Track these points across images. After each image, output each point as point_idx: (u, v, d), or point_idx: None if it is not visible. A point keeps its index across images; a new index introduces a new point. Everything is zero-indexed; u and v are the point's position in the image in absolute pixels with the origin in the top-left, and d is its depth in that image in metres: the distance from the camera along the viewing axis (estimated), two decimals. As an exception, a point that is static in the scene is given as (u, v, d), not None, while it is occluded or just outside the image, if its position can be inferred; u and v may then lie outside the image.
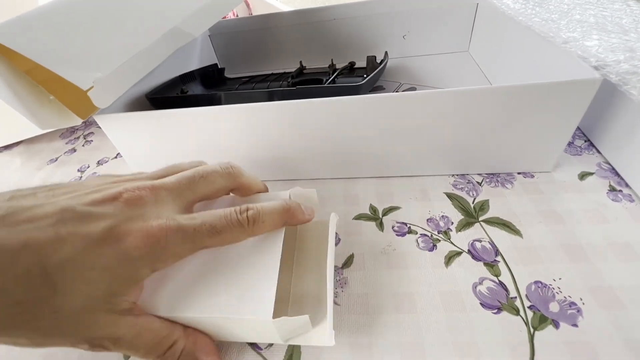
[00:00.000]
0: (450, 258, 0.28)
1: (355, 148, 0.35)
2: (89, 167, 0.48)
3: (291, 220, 0.24)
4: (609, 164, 0.35)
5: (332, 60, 0.59)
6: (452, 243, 0.30)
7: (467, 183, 0.35)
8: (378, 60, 0.53)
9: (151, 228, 0.19)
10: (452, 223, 0.31)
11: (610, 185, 0.32)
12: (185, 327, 0.21)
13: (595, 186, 0.33)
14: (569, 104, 0.29)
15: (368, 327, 0.25)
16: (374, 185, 0.37)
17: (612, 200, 0.31)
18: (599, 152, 0.36)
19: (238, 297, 0.21)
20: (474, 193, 0.34)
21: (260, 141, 0.35)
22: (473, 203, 0.33)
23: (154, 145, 0.38)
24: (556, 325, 0.23)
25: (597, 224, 0.29)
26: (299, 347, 0.24)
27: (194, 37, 0.42)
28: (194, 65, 0.60)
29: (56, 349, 0.26)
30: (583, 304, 0.24)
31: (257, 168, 0.39)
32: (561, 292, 0.25)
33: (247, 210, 0.22)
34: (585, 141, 0.38)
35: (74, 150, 0.53)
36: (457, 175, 0.36)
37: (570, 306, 0.24)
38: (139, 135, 0.37)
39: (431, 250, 0.29)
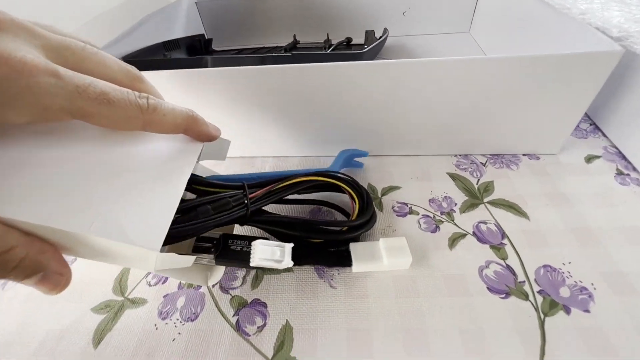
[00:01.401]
0: (454, 240, 0.27)
1: (353, 123, 0.32)
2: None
3: (194, 128, 0.21)
4: (616, 147, 0.33)
5: (327, 35, 0.56)
6: (456, 225, 0.28)
7: (471, 164, 0.33)
8: (377, 36, 0.50)
9: (8, 55, 0.14)
10: (456, 204, 0.29)
11: (617, 169, 0.31)
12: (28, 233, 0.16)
13: (602, 169, 0.31)
14: (585, 79, 0.27)
15: (366, 312, 0.23)
16: (371, 164, 0.34)
17: (620, 183, 0.30)
18: (604, 135, 0.35)
19: (117, 215, 0.17)
20: (478, 174, 0.32)
21: (249, 112, 0.32)
22: (477, 184, 0.31)
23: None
24: (567, 310, 0.22)
25: (606, 207, 0.28)
26: (290, 332, 0.22)
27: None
28: (178, 33, 0.55)
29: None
30: (594, 289, 0.23)
31: (243, 142, 0.35)
32: (571, 276, 0.24)
33: (148, 97, 0.19)
34: (590, 124, 0.37)
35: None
36: (460, 155, 0.34)
37: (581, 291, 0.23)
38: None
39: (434, 232, 0.27)
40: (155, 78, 0.30)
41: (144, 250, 0.16)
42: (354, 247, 0.24)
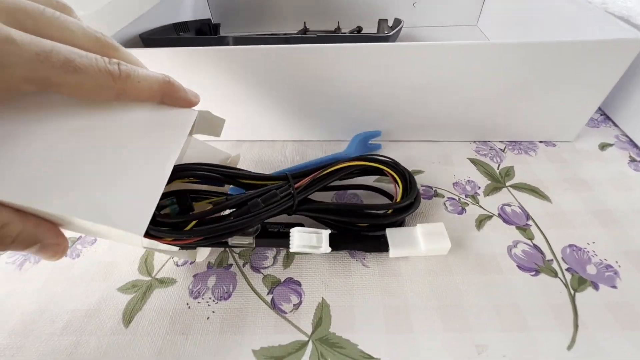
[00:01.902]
0: (481, 221, 0.27)
1: (373, 107, 0.32)
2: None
3: (172, 94, 0.20)
4: (627, 136, 0.35)
5: (338, 23, 0.55)
6: (481, 207, 0.28)
7: (490, 150, 0.34)
8: (390, 25, 0.50)
9: None
10: (479, 187, 0.30)
11: (630, 156, 0.32)
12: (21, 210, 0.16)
13: (615, 156, 0.32)
14: (605, 67, 0.28)
15: (401, 290, 0.23)
16: (392, 148, 0.34)
17: (634, 170, 0.31)
18: (615, 125, 0.36)
19: (101, 195, 0.16)
20: (498, 159, 0.33)
21: (269, 94, 0.32)
22: (498, 169, 0.32)
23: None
24: (595, 287, 0.23)
25: (623, 192, 0.29)
26: (327, 309, 0.22)
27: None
28: (184, 17, 0.54)
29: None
30: (619, 266, 0.24)
31: (263, 126, 0.35)
32: (596, 255, 0.24)
33: (119, 63, 0.17)
34: (601, 114, 0.38)
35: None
36: (479, 142, 0.35)
37: (607, 269, 0.24)
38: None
39: (460, 213, 0.28)
40: (176, 56, 0.29)
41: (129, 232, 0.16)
42: (391, 233, 0.24)
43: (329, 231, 0.23)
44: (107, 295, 0.24)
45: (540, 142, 0.34)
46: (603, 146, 0.34)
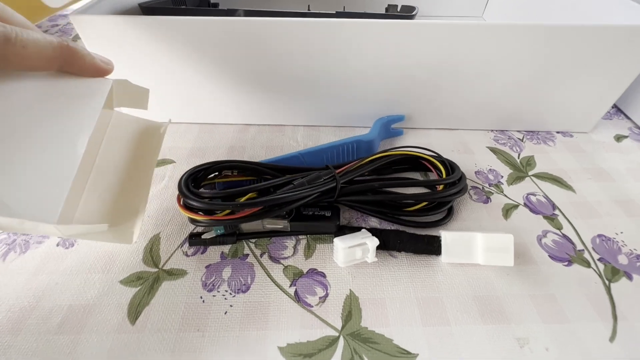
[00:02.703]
0: (507, 211, 0.26)
1: (391, 91, 0.31)
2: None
3: (73, 61, 0.18)
4: (640, 128, 0.35)
5: (344, 7, 0.53)
6: (506, 196, 0.27)
7: (509, 139, 0.33)
8: (399, 11, 0.49)
9: None
10: (502, 177, 0.29)
11: (645, 148, 0.32)
12: None
13: (632, 147, 0.32)
14: (628, 56, 0.28)
15: (432, 280, 0.22)
16: (411, 136, 0.33)
17: (651, 161, 0.31)
18: (627, 117, 0.36)
19: (3, 185, 0.14)
20: (517, 149, 0.32)
21: (279, 74, 0.30)
22: (519, 158, 0.31)
23: (147, 68, 0.30)
24: (629, 277, 0.22)
25: (643, 182, 0.29)
26: (357, 302, 0.21)
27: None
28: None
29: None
30: (650, 256, 0.23)
31: (272, 110, 0.33)
32: (626, 245, 0.24)
33: None
34: (612, 107, 0.38)
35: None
36: (497, 131, 0.34)
37: (637, 259, 0.23)
38: (129, 51, 0.29)
39: (486, 202, 0.27)
40: (178, 26, 0.26)
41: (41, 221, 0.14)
42: (446, 237, 0.22)
43: (376, 242, 0.21)
44: (109, 289, 0.21)
45: (558, 132, 0.34)
46: (618, 138, 0.33)
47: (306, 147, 0.32)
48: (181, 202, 0.22)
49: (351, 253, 0.21)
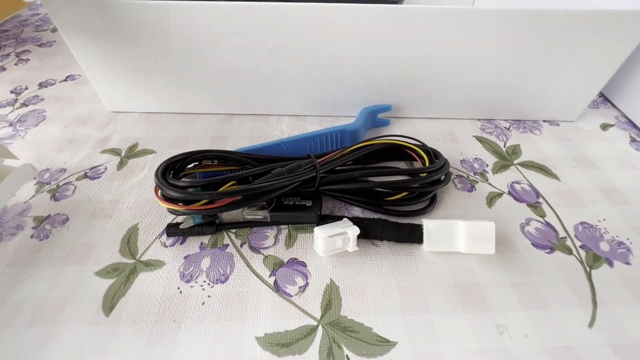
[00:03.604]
0: (492, 199, 0.26)
1: (377, 78, 0.30)
2: (27, 88, 0.37)
3: None
4: (626, 117, 0.35)
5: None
6: (490, 184, 0.27)
7: (495, 128, 0.33)
8: None
9: None
10: (487, 165, 0.29)
11: (630, 137, 0.32)
12: None
13: (617, 136, 0.32)
14: (614, 42, 0.27)
15: (414, 269, 0.21)
16: (397, 125, 0.33)
17: (635, 149, 0.31)
18: (614, 106, 0.36)
19: None
20: (504, 137, 0.32)
21: (265, 58, 0.29)
22: (505, 147, 0.31)
23: (125, 55, 0.29)
24: (610, 263, 0.22)
25: (628, 170, 0.29)
26: (337, 291, 0.20)
27: None
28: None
29: None
30: (631, 243, 0.23)
31: (256, 99, 0.32)
32: (608, 232, 0.24)
33: None
34: (599, 96, 0.38)
35: (3, 68, 0.41)
36: (484, 120, 0.34)
37: (619, 245, 0.23)
38: (107, 38, 0.28)
39: (470, 191, 0.27)
40: (161, 12, 0.25)
41: None
42: (428, 225, 0.22)
43: (356, 231, 0.21)
44: (84, 281, 0.21)
45: (544, 121, 0.34)
46: (605, 126, 0.33)
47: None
48: (158, 193, 0.22)
49: (331, 242, 0.21)
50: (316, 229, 0.21)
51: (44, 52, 0.44)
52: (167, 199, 0.21)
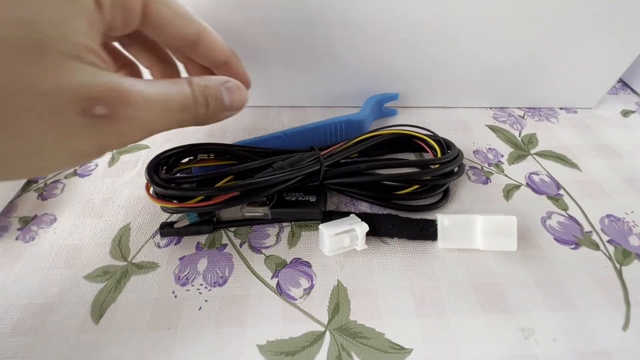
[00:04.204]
0: (509, 191, 0.24)
1: (385, 65, 0.28)
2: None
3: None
4: (648, 103, 0.33)
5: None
6: (507, 176, 0.25)
7: (509, 116, 0.31)
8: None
9: None
10: (502, 156, 0.27)
11: (654, 123, 0.30)
12: None
13: (639, 123, 0.30)
14: (637, 24, 0.25)
15: (428, 268, 0.20)
16: (406, 115, 0.31)
17: (660, 136, 0.29)
18: (634, 92, 0.34)
19: None
20: (518, 126, 0.30)
21: (263, 46, 0.27)
22: (520, 136, 0.29)
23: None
24: (641, 259, 0.20)
25: (653, 159, 0.27)
26: (345, 293, 0.19)
27: None
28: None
29: None
30: (663, 236, 0.22)
31: (255, 90, 0.30)
32: (637, 225, 0.22)
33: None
34: (618, 81, 0.36)
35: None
36: (496, 108, 0.32)
37: (650, 239, 0.21)
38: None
39: (485, 183, 0.25)
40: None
41: None
42: (443, 221, 0.20)
43: (365, 228, 0.19)
44: (72, 286, 0.19)
45: (561, 108, 0.32)
46: (625, 113, 0.31)
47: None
48: (150, 190, 0.20)
49: (338, 241, 0.19)
50: (321, 227, 0.19)
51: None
52: (159, 196, 0.20)
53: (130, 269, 0.20)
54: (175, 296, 0.19)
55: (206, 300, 0.19)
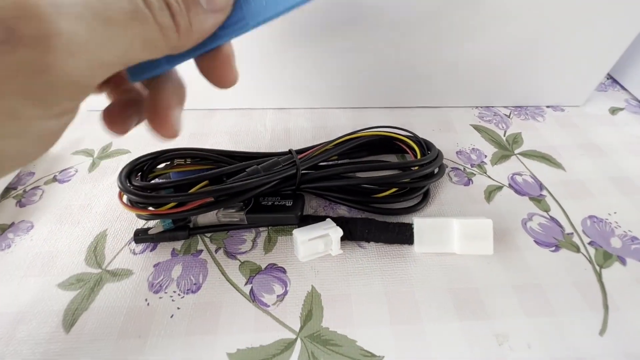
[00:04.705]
0: (490, 193, 0.24)
1: (368, 67, 0.28)
2: None
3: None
4: (637, 99, 0.32)
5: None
6: (489, 177, 0.25)
7: (494, 115, 0.30)
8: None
9: None
10: (486, 156, 0.27)
11: (642, 120, 0.30)
12: None
13: (628, 120, 0.30)
14: (623, 19, 0.25)
15: (404, 272, 0.20)
16: (389, 115, 0.31)
17: (648, 134, 0.28)
18: (623, 88, 0.34)
19: None
20: (504, 126, 0.29)
21: (246, 46, 0.27)
22: (505, 136, 0.28)
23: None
24: (622, 261, 0.20)
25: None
26: (318, 299, 0.18)
27: None
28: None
29: None
30: (646, 237, 0.21)
31: (237, 91, 0.30)
32: (620, 226, 0.22)
33: None
34: (607, 78, 0.35)
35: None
36: (482, 107, 0.31)
37: (632, 241, 0.21)
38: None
39: (467, 184, 0.24)
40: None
41: None
42: (419, 224, 0.20)
43: (339, 232, 0.19)
44: (45, 294, 0.19)
45: (548, 106, 0.31)
46: (614, 110, 0.31)
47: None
48: (123, 198, 0.20)
49: (312, 246, 0.19)
50: (295, 232, 0.19)
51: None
52: (132, 203, 0.20)
53: (105, 277, 0.20)
54: (148, 304, 0.19)
55: (178, 308, 0.18)
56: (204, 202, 0.19)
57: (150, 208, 0.20)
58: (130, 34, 0.10)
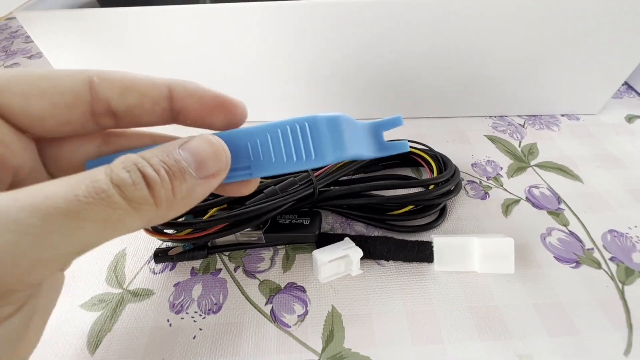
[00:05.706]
0: (508, 207, 0.24)
1: (379, 80, 0.28)
2: None
3: None
4: (654, 106, 0.32)
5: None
6: (506, 190, 0.25)
7: (509, 125, 0.30)
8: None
9: None
10: (501, 168, 0.26)
11: (660, 128, 0.29)
12: None
13: (645, 129, 0.29)
14: (643, 26, 0.25)
15: (424, 291, 0.20)
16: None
17: (667, 143, 0.28)
18: (639, 95, 0.33)
19: None
20: (518, 136, 0.29)
21: (238, 60, 0.27)
22: (520, 146, 0.28)
23: (106, 65, 0.27)
24: (645, 278, 0.20)
25: (659, 168, 0.26)
26: (339, 319, 0.19)
27: None
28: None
29: None
30: (668, 253, 0.21)
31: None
32: (641, 240, 0.21)
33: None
34: (622, 84, 0.35)
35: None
36: (495, 117, 0.31)
37: (654, 256, 0.21)
38: (87, 48, 0.26)
39: (484, 198, 0.24)
40: (150, 15, 0.24)
41: None
42: (439, 242, 0.20)
43: (359, 253, 0.19)
44: (68, 315, 0.19)
45: (562, 115, 0.31)
46: (630, 118, 0.31)
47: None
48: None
49: (332, 267, 0.19)
50: (315, 253, 0.19)
51: (34, 64, 0.43)
52: (153, 228, 0.20)
53: (126, 297, 0.20)
54: (170, 325, 0.19)
55: (200, 329, 0.19)
56: (220, 227, 0.19)
57: (169, 231, 0.20)
58: (91, 220, 0.09)
